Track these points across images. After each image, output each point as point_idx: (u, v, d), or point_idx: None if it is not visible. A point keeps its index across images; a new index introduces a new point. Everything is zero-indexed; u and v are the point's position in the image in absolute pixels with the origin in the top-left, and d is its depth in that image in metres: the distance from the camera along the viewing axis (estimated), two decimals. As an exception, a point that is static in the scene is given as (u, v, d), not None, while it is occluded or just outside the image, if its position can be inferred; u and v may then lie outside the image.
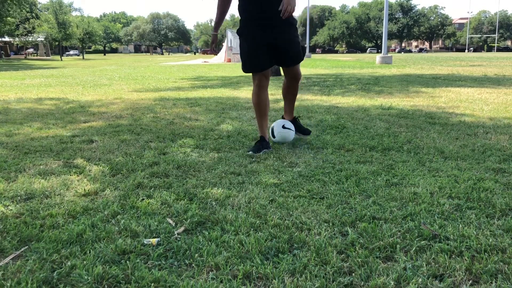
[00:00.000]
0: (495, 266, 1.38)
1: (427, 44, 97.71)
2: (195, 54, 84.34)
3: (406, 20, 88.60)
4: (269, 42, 2.88)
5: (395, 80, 9.31)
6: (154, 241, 1.58)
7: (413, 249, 1.51)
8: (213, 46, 3.23)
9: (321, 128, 3.77)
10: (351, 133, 3.55)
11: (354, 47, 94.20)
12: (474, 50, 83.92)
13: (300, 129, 3.32)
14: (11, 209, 1.91)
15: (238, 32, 2.99)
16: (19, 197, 2.07)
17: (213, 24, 3.17)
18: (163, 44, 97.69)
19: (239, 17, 2.99)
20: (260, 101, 3.01)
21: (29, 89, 8.26)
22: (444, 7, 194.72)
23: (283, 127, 3.14)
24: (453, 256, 1.46)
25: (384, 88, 7.47)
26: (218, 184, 2.26)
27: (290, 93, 3.24)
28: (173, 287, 1.30)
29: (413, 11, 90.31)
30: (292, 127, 3.18)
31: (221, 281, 1.33)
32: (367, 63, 20.57)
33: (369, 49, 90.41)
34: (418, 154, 2.83)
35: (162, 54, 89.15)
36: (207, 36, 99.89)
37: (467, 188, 2.12)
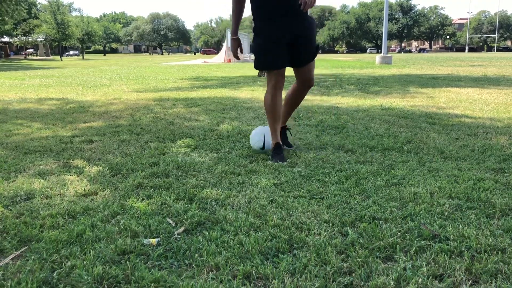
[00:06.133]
0: (495, 266, 1.38)
1: (427, 44, 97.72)
2: (195, 54, 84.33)
3: (406, 20, 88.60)
4: (287, 36, 2.70)
5: (395, 80, 9.31)
6: (154, 241, 1.58)
7: (413, 249, 1.51)
8: (238, 51, 2.93)
9: (321, 128, 3.77)
10: (351, 133, 3.55)
11: (354, 47, 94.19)
12: (474, 50, 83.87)
13: (285, 141, 3.07)
14: (11, 209, 1.91)
15: (255, 31, 2.80)
16: (19, 197, 2.07)
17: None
18: (163, 44, 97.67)
19: (252, 17, 2.83)
20: (274, 105, 2.78)
21: (29, 89, 8.26)
22: (444, 7, 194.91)
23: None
24: (453, 256, 1.46)
25: (384, 88, 7.48)
26: (218, 184, 2.25)
27: (294, 99, 3.00)
28: (173, 287, 1.30)
29: (413, 11, 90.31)
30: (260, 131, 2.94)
31: (221, 281, 1.33)
32: (367, 63, 20.57)
33: (369, 49, 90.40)
34: (418, 154, 2.83)
35: (162, 54, 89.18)
36: (207, 37, 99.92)
37: (467, 188, 2.12)
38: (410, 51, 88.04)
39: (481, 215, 1.80)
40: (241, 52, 2.95)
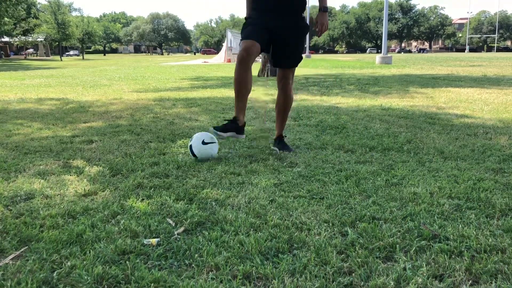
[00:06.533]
0: (495, 266, 1.38)
1: (427, 44, 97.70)
2: (195, 54, 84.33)
3: (406, 20, 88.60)
4: (270, 25, 2.72)
5: (395, 80, 9.31)
6: (154, 241, 1.58)
7: (413, 249, 1.51)
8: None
9: (321, 128, 3.77)
10: (351, 133, 3.55)
11: (354, 47, 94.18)
12: (474, 50, 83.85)
13: (284, 147, 3.00)
14: (11, 209, 1.91)
15: (245, 21, 2.85)
16: (19, 197, 2.07)
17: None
18: (163, 44, 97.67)
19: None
20: (237, 78, 2.67)
21: (29, 89, 8.26)
22: (444, 7, 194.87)
23: (203, 142, 2.78)
24: (453, 256, 1.46)
25: (384, 88, 7.48)
26: (218, 184, 2.26)
27: (277, 104, 3.01)
28: (173, 287, 1.30)
29: (413, 11, 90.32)
30: (214, 139, 2.82)
31: (221, 281, 1.33)
32: (367, 63, 20.57)
33: (369, 49, 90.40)
34: (418, 154, 2.83)
35: (162, 54, 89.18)
36: (207, 37, 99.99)
37: (467, 188, 2.12)
38: (410, 51, 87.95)
39: (481, 215, 1.80)
40: None
